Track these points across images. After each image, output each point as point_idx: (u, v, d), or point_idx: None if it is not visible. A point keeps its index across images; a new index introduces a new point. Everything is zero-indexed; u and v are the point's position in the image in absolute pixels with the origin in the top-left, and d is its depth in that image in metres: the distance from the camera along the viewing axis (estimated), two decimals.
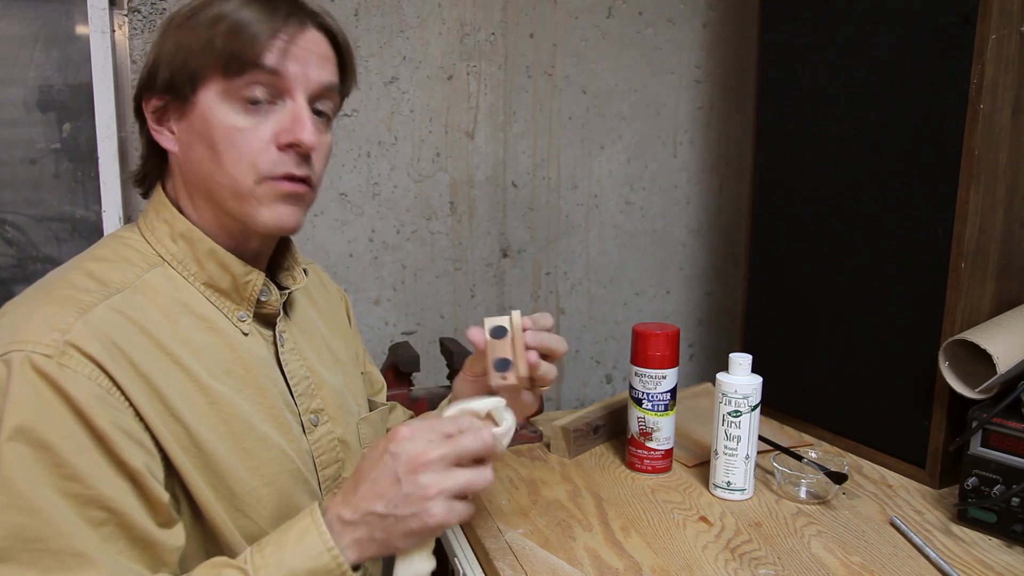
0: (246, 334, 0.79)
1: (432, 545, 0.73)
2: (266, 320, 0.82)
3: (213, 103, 0.73)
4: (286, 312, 0.85)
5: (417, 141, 1.52)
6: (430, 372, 1.54)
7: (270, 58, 0.72)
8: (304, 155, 0.75)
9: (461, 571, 0.96)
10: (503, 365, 0.77)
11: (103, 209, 1.28)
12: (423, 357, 1.51)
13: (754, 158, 1.41)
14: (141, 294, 0.73)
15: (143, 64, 0.77)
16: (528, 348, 0.77)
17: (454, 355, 1.29)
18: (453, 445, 0.68)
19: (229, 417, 0.74)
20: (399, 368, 1.29)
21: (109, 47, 1.26)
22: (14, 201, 1.26)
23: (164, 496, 0.68)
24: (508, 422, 0.75)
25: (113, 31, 1.28)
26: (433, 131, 1.52)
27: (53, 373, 0.64)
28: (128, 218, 1.30)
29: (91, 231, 1.29)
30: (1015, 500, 0.94)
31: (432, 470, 0.67)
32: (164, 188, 0.80)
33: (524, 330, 0.78)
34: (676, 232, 1.76)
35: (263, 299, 0.80)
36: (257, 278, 0.79)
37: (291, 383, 0.82)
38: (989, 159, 1.05)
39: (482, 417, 0.74)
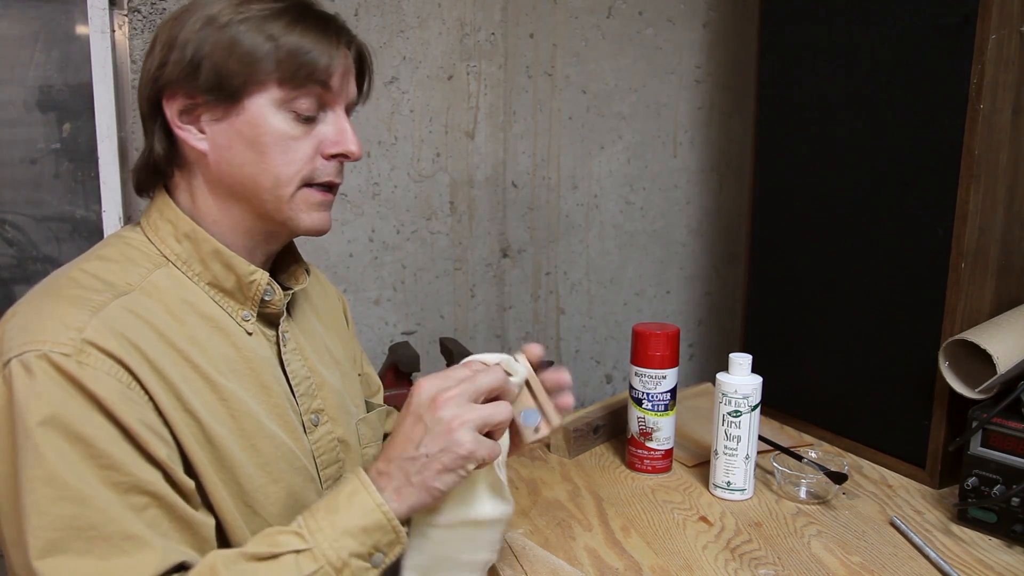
0: (250, 334, 0.79)
1: (480, 488, 0.73)
2: (269, 320, 0.82)
3: (266, 110, 0.74)
4: (289, 312, 0.86)
5: (417, 141, 1.52)
6: (430, 372, 1.54)
7: (333, 78, 0.75)
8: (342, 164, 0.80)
9: None
10: (531, 417, 0.76)
11: (103, 209, 1.28)
12: (423, 357, 1.51)
13: (754, 158, 1.41)
14: (147, 295, 0.73)
15: (157, 60, 0.74)
16: (550, 393, 0.78)
17: (454, 355, 1.29)
18: (469, 383, 0.71)
19: (239, 414, 0.75)
20: (399, 368, 1.29)
21: (109, 47, 1.26)
22: (14, 201, 1.26)
23: (190, 483, 0.70)
24: (522, 373, 0.76)
25: (113, 31, 1.28)
26: (433, 131, 1.52)
27: (74, 371, 0.64)
28: (128, 218, 1.30)
29: (91, 231, 1.29)
30: (1015, 500, 0.94)
31: (452, 405, 0.69)
32: (167, 189, 0.80)
33: (537, 370, 0.77)
34: (676, 232, 1.76)
35: (267, 299, 0.80)
36: (261, 277, 0.79)
37: (293, 383, 0.83)
38: (989, 159, 1.05)
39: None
